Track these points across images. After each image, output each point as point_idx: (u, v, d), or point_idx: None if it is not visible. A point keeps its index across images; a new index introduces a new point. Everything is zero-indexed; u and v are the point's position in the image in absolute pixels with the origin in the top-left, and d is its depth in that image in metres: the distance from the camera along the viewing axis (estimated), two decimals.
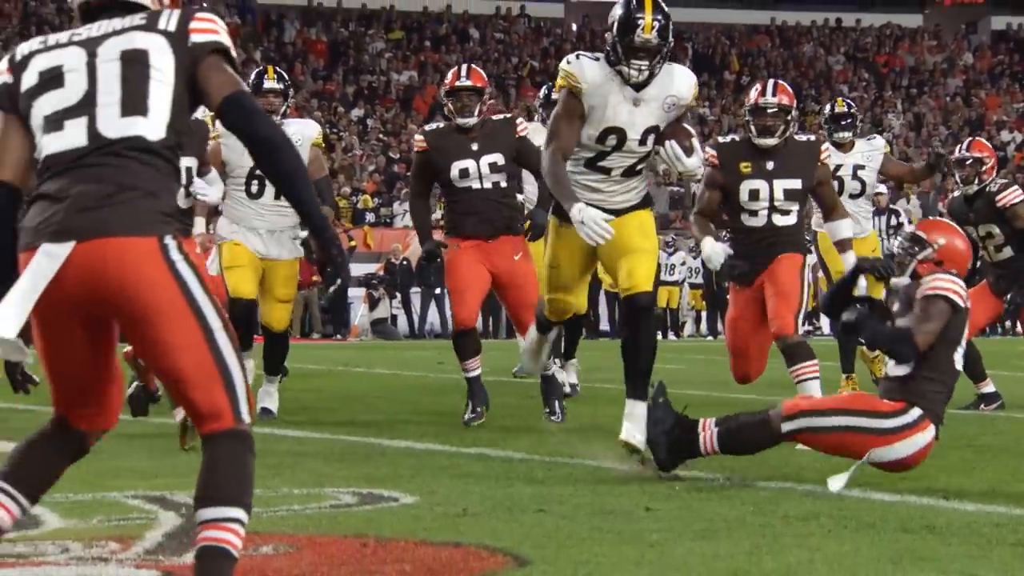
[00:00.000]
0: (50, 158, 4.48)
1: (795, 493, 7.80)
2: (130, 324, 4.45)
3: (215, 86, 4.52)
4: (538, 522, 6.90)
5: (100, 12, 4.66)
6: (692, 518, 6.98)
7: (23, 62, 4.61)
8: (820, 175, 10.20)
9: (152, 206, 4.41)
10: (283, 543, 6.35)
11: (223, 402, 4.49)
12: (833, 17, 57.57)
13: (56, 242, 4.35)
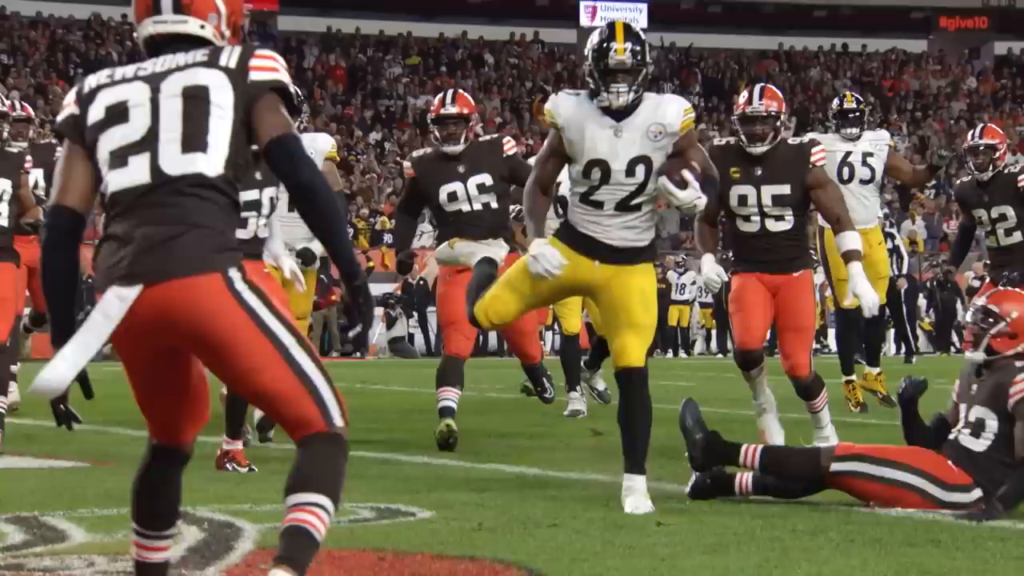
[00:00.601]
0: (116, 194, 4.50)
1: (803, 508, 7.78)
2: (207, 356, 4.50)
3: (265, 126, 4.51)
4: (551, 536, 6.89)
5: (165, 46, 4.67)
6: (702, 532, 6.97)
7: (90, 95, 4.62)
8: (813, 178, 9.76)
9: (214, 242, 4.43)
10: None
11: (313, 412, 4.52)
12: (839, 42, 57.61)
13: (125, 285, 4.38)
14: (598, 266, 7.92)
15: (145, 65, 4.61)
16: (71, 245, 4.61)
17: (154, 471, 4.75)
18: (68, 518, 7.48)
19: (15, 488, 8.79)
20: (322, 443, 4.53)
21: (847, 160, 13.67)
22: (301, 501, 4.48)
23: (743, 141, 9.77)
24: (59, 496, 8.41)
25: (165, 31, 4.68)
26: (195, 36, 4.68)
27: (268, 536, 6.78)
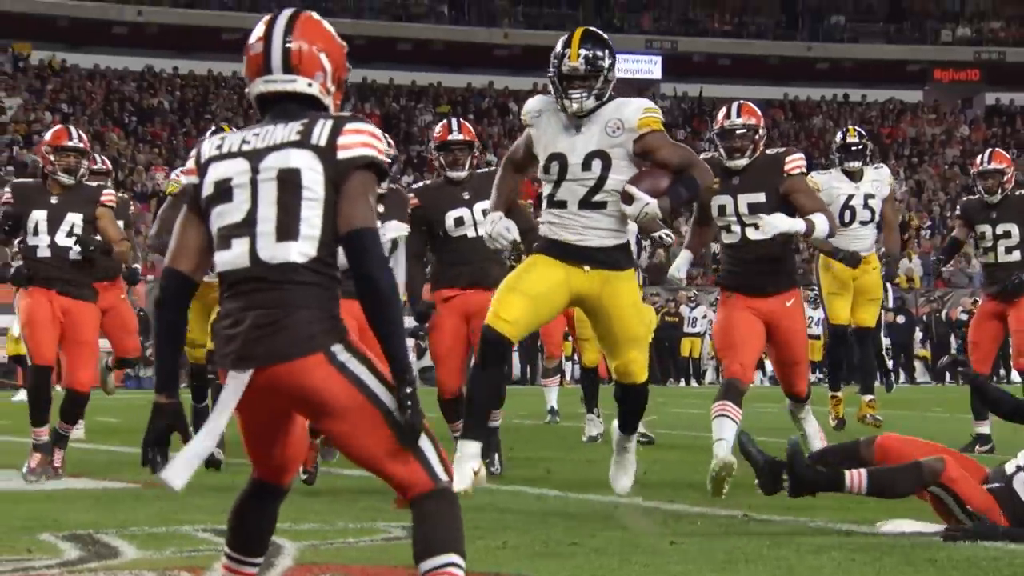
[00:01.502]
0: (223, 273, 4.59)
1: (808, 529, 7.76)
2: (316, 421, 4.52)
3: (346, 214, 4.50)
4: (571, 555, 6.88)
5: (275, 103, 4.70)
6: (713, 551, 6.94)
7: (205, 166, 4.66)
8: (789, 186, 9.19)
9: (315, 322, 4.47)
10: (340, 572, 6.34)
11: (418, 472, 4.50)
12: (841, 93, 57.65)
13: (240, 370, 4.46)
14: (588, 271, 7.61)
15: (248, 137, 4.63)
16: (182, 305, 4.69)
17: (253, 503, 4.75)
18: (120, 536, 7.49)
19: (72, 508, 8.80)
20: (433, 500, 4.51)
21: (849, 203, 13.34)
22: (436, 565, 4.44)
23: (722, 155, 9.36)
24: (112, 515, 8.42)
25: (275, 90, 4.69)
26: (303, 94, 4.68)
27: (307, 553, 6.79)
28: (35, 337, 10.12)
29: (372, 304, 4.46)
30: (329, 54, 4.72)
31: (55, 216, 10.08)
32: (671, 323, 33.51)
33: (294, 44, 4.66)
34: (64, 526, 7.84)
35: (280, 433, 4.67)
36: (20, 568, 6.54)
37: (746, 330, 9.25)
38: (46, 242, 10.07)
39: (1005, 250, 12.71)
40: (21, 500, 9.40)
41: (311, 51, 4.68)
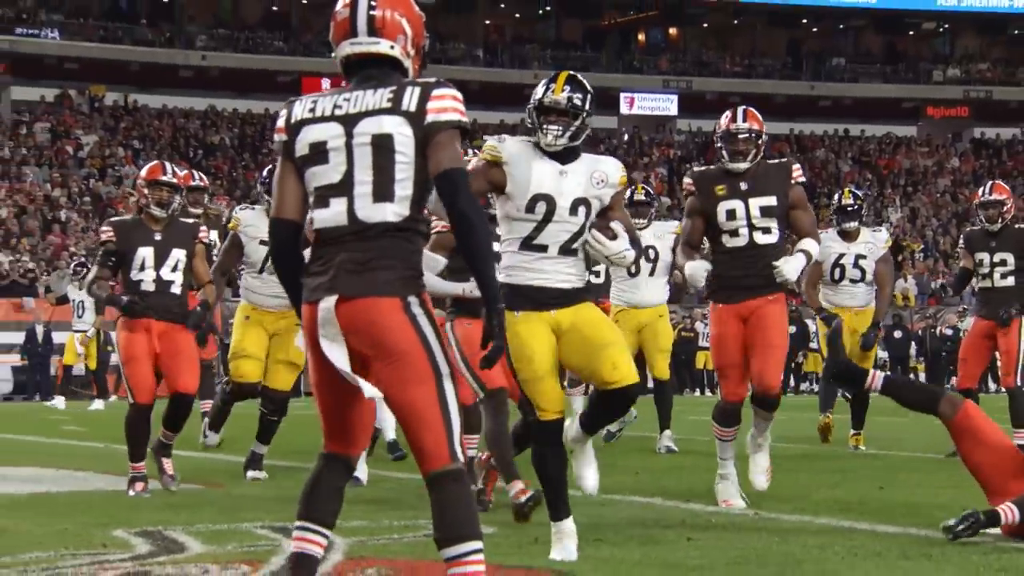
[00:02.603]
0: (320, 230, 4.62)
1: (813, 526, 7.72)
2: (378, 360, 4.52)
3: (436, 160, 4.53)
4: (596, 550, 6.86)
5: (360, 65, 4.71)
6: (726, 547, 6.92)
7: (296, 126, 4.68)
8: (794, 196, 8.69)
9: (399, 273, 4.52)
10: (384, 567, 6.33)
11: (442, 444, 4.51)
12: (841, 128, 57.57)
13: (326, 298, 4.51)
14: (554, 313, 6.74)
15: (340, 101, 4.64)
16: (294, 248, 4.74)
17: (324, 476, 4.71)
18: (186, 532, 7.50)
19: (143, 507, 8.83)
20: (450, 483, 4.51)
21: (839, 262, 13.18)
22: (458, 553, 4.46)
23: (724, 158, 8.75)
24: (178, 513, 8.43)
25: (360, 51, 4.70)
26: (385, 56, 4.69)
27: (355, 548, 6.79)
28: (134, 376, 9.75)
29: (464, 235, 4.51)
30: (409, 20, 4.74)
31: (161, 252, 9.82)
32: (687, 338, 33.43)
33: (377, 10, 4.69)
34: (135, 523, 7.86)
35: (352, 396, 4.63)
36: (96, 561, 6.55)
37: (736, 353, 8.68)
38: (152, 276, 9.79)
39: (1000, 276, 12.61)
40: (97, 500, 9.42)
41: (393, 16, 4.70)
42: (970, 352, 12.84)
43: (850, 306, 13.15)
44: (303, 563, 4.60)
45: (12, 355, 31.52)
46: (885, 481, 10.30)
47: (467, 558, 4.44)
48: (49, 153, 45.50)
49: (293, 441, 12.60)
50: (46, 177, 43.73)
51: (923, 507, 8.48)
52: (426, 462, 4.52)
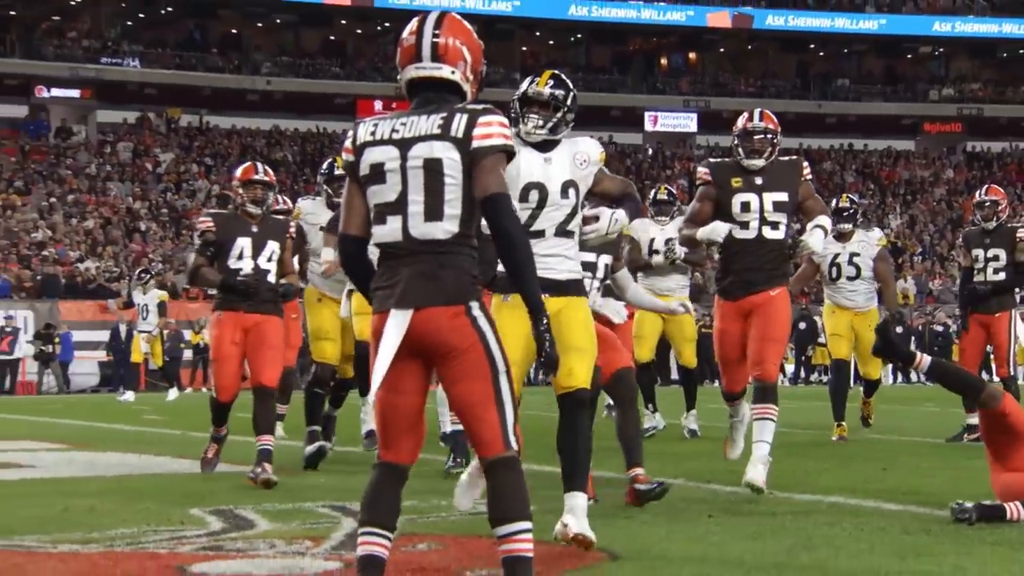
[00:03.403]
0: (379, 244, 4.62)
1: (823, 504, 7.69)
2: (441, 359, 4.52)
3: (481, 185, 4.52)
4: (626, 527, 6.86)
5: (423, 87, 4.70)
6: (744, 523, 6.91)
7: (360, 148, 4.67)
8: (804, 191, 8.36)
9: (457, 280, 4.52)
10: (434, 541, 6.34)
11: (497, 434, 4.51)
12: (846, 143, 57.37)
13: (400, 309, 4.51)
14: (547, 297, 5.92)
15: (397, 126, 4.62)
16: (362, 259, 4.74)
17: (382, 484, 4.68)
18: (255, 511, 7.52)
19: (216, 488, 8.85)
20: (504, 469, 4.51)
21: (835, 261, 12.94)
22: (509, 532, 4.46)
23: (740, 155, 8.39)
24: (248, 494, 8.46)
25: (424, 75, 4.70)
26: (446, 80, 4.69)
27: (407, 525, 6.78)
28: (220, 376, 9.55)
29: (507, 253, 4.51)
30: (469, 48, 4.74)
31: (258, 243, 9.55)
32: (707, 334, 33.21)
33: (440, 38, 4.69)
34: (210, 503, 7.88)
35: (409, 390, 4.61)
36: (175, 537, 6.58)
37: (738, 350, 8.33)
38: (250, 265, 9.51)
39: (993, 271, 12.53)
40: (175, 481, 9.46)
41: (455, 44, 4.70)
42: (967, 344, 12.77)
43: (851, 307, 12.96)
44: (371, 564, 4.57)
45: (99, 351, 31.68)
46: (888, 463, 10.26)
47: (517, 536, 4.44)
48: (131, 170, 45.72)
49: (350, 430, 12.61)
50: (128, 191, 43.95)
51: (922, 487, 8.44)
52: (482, 450, 4.53)
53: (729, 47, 57.38)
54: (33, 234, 39.16)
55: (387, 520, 4.62)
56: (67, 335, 32.70)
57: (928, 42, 57.83)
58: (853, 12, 56.34)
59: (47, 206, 41.37)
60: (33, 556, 6.03)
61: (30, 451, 12.41)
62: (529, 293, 4.52)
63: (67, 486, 9.12)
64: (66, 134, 47.34)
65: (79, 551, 6.16)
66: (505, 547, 4.45)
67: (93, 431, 15.52)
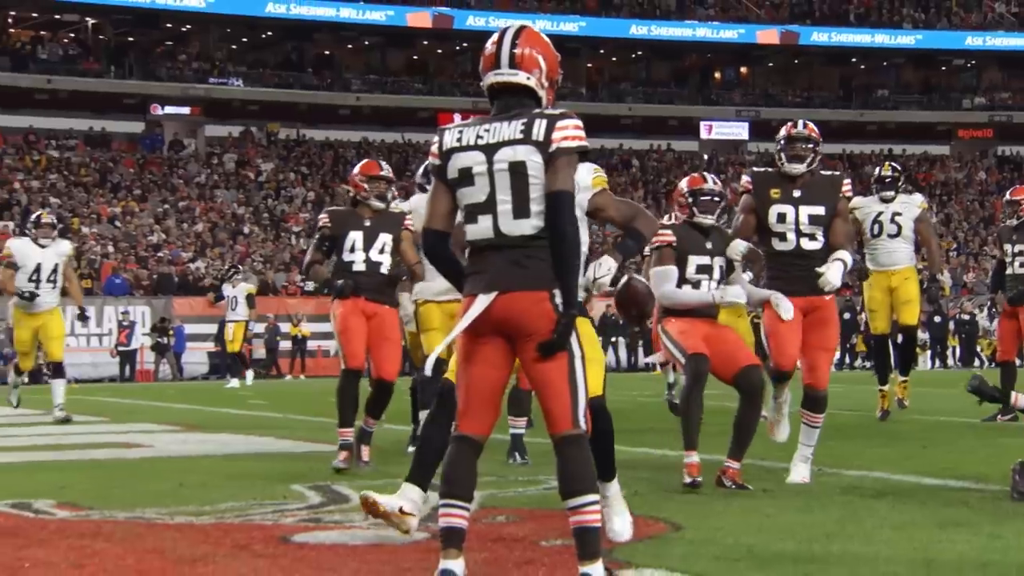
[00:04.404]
0: (472, 241, 4.61)
1: (868, 478, 7.63)
2: (524, 341, 4.50)
3: (550, 181, 4.50)
4: (687, 500, 6.83)
5: (502, 92, 4.68)
6: (794, 497, 6.86)
7: (447, 154, 4.66)
8: (839, 207, 7.86)
9: (542, 269, 4.49)
10: (512, 514, 6.33)
11: (567, 409, 4.48)
12: (886, 148, 56.73)
13: (486, 292, 4.51)
14: None
15: (482, 132, 4.61)
16: (445, 251, 4.72)
17: (460, 457, 4.63)
18: (350, 486, 7.55)
19: (314, 465, 8.90)
20: (572, 446, 4.47)
21: (878, 219, 12.71)
22: (578, 504, 4.42)
23: (783, 161, 7.94)
24: (344, 471, 8.49)
25: (501, 80, 4.69)
26: (523, 86, 4.68)
27: (487, 500, 6.79)
28: (349, 344, 9.01)
29: (557, 247, 4.47)
30: (545, 58, 4.71)
31: (370, 236, 9.09)
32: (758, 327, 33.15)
33: (518, 48, 4.68)
34: (309, 479, 7.93)
35: (491, 366, 4.59)
36: (278, 510, 6.61)
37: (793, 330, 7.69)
38: (361, 258, 9.11)
39: (1020, 264, 12.46)
40: (278, 460, 9.52)
41: (531, 53, 4.68)
42: (1003, 331, 12.68)
43: (888, 264, 12.71)
44: (452, 535, 4.55)
45: (208, 343, 31.98)
46: (927, 442, 10.16)
47: (585, 508, 4.41)
48: (235, 179, 46.08)
49: None
50: (233, 198, 44.29)
51: (960, 463, 8.35)
52: (553, 426, 4.50)
53: (777, 62, 57.01)
54: (149, 237, 39.60)
55: (465, 492, 4.59)
56: (180, 328, 33.07)
57: (961, 55, 57.16)
58: (892, 28, 55.85)
59: (161, 212, 41.81)
60: (153, 527, 6.08)
61: (148, 432, 12.55)
62: (567, 287, 4.47)
63: (181, 464, 9.21)
64: (178, 147, 47.80)
65: (193, 522, 6.21)
66: (575, 518, 4.43)
67: (204, 415, 15.66)
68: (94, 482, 8.00)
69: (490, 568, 4.97)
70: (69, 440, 11.46)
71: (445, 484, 4.60)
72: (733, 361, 7.46)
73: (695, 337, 7.51)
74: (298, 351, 33.78)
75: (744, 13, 55.20)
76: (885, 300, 12.77)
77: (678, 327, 7.61)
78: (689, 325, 7.54)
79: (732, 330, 7.77)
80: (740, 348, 7.55)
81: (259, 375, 29.94)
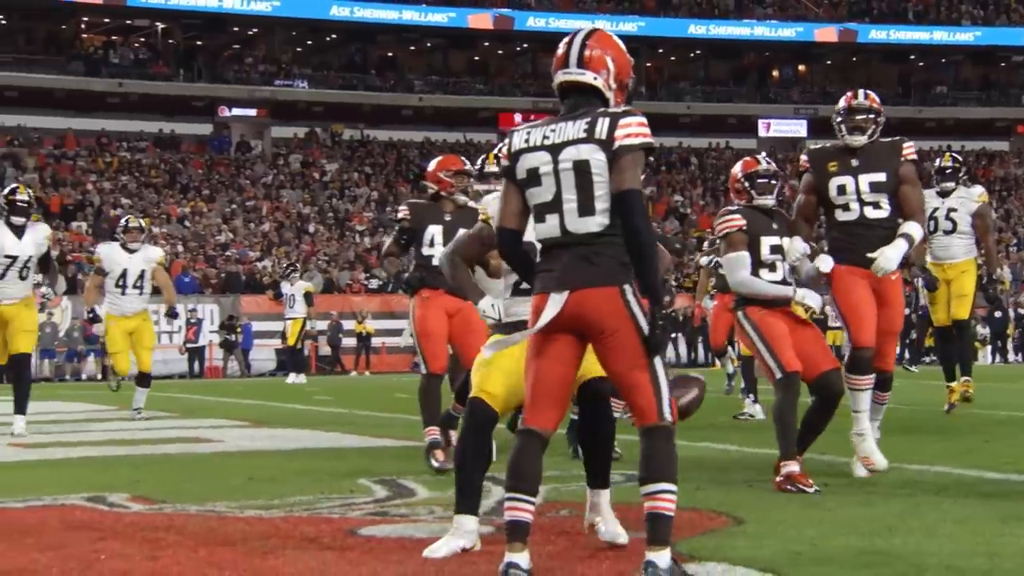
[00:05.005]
0: (541, 240, 4.64)
1: (930, 473, 7.56)
2: (598, 338, 4.52)
3: (617, 181, 4.51)
4: (749, 494, 6.80)
5: (571, 91, 4.70)
6: (857, 491, 6.81)
7: (516, 155, 4.69)
8: (904, 173, 7.55)
9: (611, 265, 4.51)
10: (574, 508, 6.32)
11: (652, 402, 4.49)
12: (945, 144, 56.04)
13: (558, 291, 4.52)
14: None
15: (547, 133, 4.63)
16: (517, 248, 4.76)
17: (525, 451, 4.65)
18: (416, 480, 7.57)
19: (381, 460, 8.94)
20: (656, 436, 4.48)
21: (933, 215, 12.29)
22: (654, 491, 4.43)
23: (843, 133, 7.69)
24: (409, 465, 8.52)
25: (569, 79, 4.71)
26: (590, 85, 4.68)
27: (551, 494, 6.79)
28: (429, 348, 8.80)
29: (634, 247, 4.47)
30: (615, 60, 4.73)
31: (449, 231, 8.70)
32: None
33: (588, 49, 4.70)
34: (376, 473, 7.96)
35: (561, 362, 4.60)
36: (345, 503, 6.65)
37: (863, 297, 7.47)
38: (440, 252, 8.39)
39: None
40: (344, 455, 9.56)
41: (600, 54, 4.70)
42: None
43: (945, 258, 12.40)
44: (517, 528, 4.56)
45: (274, 340, 32.18)
46: (989, 436, 10.06)
47: (661, 495, 4.42)
48: (300, 179, 46.35)
49: None
50: (299, 198, 44.55)
51: (1022, 457, 8.24)
52: (639, 418, 4.52)
53: (835, 59, 56.58)
54: (217, 237, 39.91)
55: (530, 486, 4.59)
56: (247, 326, 33.31)
57: (1020, 51, 56.47)
58: (950, 25, 55.30)
59: (229, 212, 42.13)
60: (224, 520, 6.13)
61: (218, 427, 12.65)
62: (649, 284, 4.47)
63: (250, 459, 9.27)
64: (245, 148, 48.16)
65: (263, 515, 6.25)
66: (649, 504, 4.43)
67: (271, 410, 15.76)
68: (166, 476, 8.07)
69: (554, 561, 4.96)
70: (142, 435, 11.57)
71: (511, 478, 4.59)
72: (814, 364, 7.29)
73: (784, 340, 7.27)
74: (362, 348, 33.94)
75: (802, 12, 54.85)
76: (944, 292, 12.53)
77: (762, 319, 7.37)
78: (772, 317, 7.33)
79: (814, 328, 7.53)
80: (822, 350, 7.36)
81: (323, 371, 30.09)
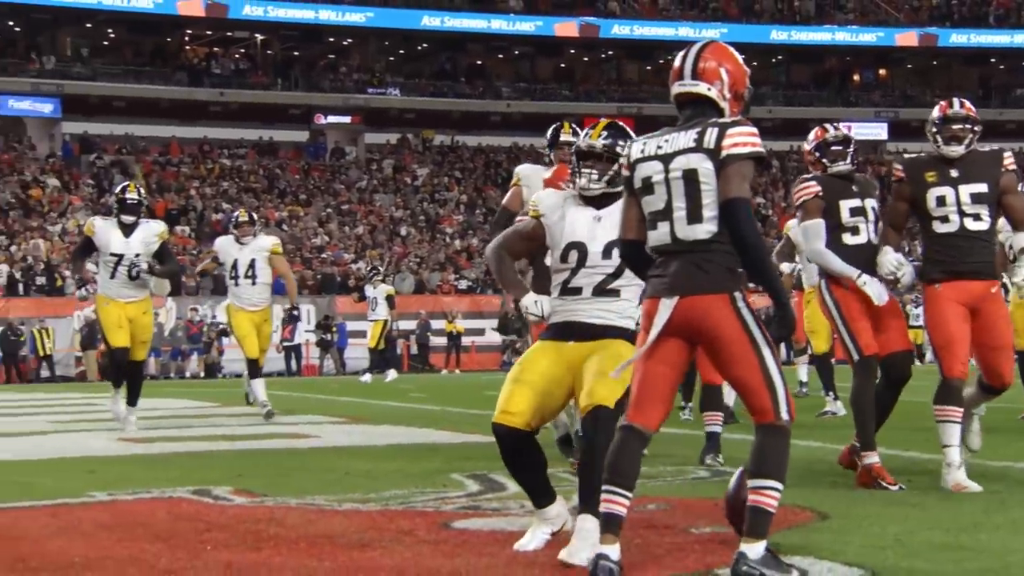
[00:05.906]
0: (654, 247, 4.65)
1: (1014, 469, 7.45)
2: (709, 345, 4.52)
3: (723, 190, 4.48)
4: (833, 489, 6.74)
5: (687, 103, 4.69)
6: (939, 487, 6.70)
7: (633, 165, 4.69)
8: (1005, 183, 7.00)
9: (723, 274, 4.50)
10: (662, 503, 6.31)
11: (768, 403, 4.47)
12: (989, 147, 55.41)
13: (668, 297, 4.52)
14: (572, 344, 5.28)
15: (661, 143, 4.63)
16: (639, 259, 4.75)
17: (626, 445, 4.62)
18: (505, 475, 7.56)
19: (471, 456, 8.96)
20: (772, 435, 4.47)
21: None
22: (760, 485, 4.42)
23: (939, 143, 7.14)
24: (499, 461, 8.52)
25: (684, 91, 4.70)
26: (704, 96, 4.67)
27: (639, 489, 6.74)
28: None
29: (744, 257, 4.46)
30: (729, 71, 4.71)
31: None
32: None
33: (702, 61, 4.69)
34: (467, 469, 7.97)
35: (668, 365, 4.59)
36: (439, 497, 6.69)
37: (959, 327, 6.93)
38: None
39: None
40: (437, 450, 9.60)
41: (714, 66, 4.68)
42: None
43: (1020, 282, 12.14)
44: (612, 521, 4.54)
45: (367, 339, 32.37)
46: None
47: (764, 490, 4.40)
48: (393, 183, 46.65)
49: None
50: (391, 201, 44.84)
51: None
52: (757, 417, 4.51)
53: (916, 63, 55.84)
54: (313, 239, 40.29)
55: (628, 481, 4.57)
56: (342, 325, 33.59)
57: None
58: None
59: (324, 216, 42.51)
60: (323, 513, 6.19)
61: (315, 424, 12.76)
62: (770, 286, 4.46)
63: (347, 454, 9.34)
64: (340, 154, 48.57)
65: (360, 508, 6.30)
66: (753, 497, 4.42)
67: (367, 407, 15.87)
68: (267, 470, 8.16)
69: (642, 554, 4.95)
70: (243, 431, 11.71)
71: (609, 472, 4.58)
72: (885, 341, 7.12)
73: (863, 322, 7.10)
74: (453, 346, 34.10)
75: (883, 16, 54.19)
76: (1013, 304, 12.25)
77: (843, 297, 7.15)
78: (855, 295, 7.08)
79: (894, 303, 7.23)
80: (897, 328, 7.17)
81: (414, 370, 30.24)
